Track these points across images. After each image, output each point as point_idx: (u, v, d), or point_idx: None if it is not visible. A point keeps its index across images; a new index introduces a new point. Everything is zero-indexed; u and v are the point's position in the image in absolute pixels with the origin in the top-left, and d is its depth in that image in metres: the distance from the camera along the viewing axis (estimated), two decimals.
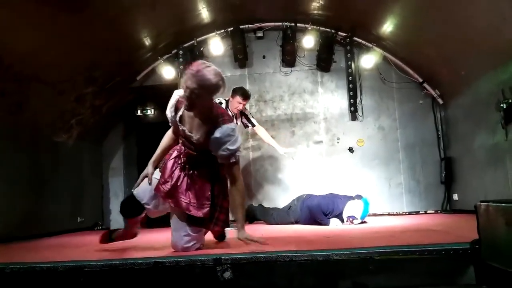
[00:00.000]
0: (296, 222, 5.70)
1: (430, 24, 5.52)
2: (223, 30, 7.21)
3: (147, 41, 6.69)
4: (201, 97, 2.71)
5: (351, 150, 7.11)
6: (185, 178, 3.05)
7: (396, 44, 6.72)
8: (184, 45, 7.20)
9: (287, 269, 2.55)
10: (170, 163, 3.10)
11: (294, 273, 2.55)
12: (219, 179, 3.12)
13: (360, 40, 7.09)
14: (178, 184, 3.03)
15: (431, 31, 5.64)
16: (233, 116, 5.57)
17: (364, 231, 4.17)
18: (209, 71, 2.71)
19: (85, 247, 3.84)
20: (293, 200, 5.98)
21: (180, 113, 2.96)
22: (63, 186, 6.17)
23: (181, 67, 7.06)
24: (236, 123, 5.61)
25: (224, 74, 7.30)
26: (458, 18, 5.00)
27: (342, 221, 5.33)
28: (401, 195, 6.95)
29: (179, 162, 3.08)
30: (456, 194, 6.57)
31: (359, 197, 5.45)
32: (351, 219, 5.30)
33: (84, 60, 5.76)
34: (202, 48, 7.26)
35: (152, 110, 8.12)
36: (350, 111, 7.15)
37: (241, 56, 7.22)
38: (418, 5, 5.43)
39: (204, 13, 6.68)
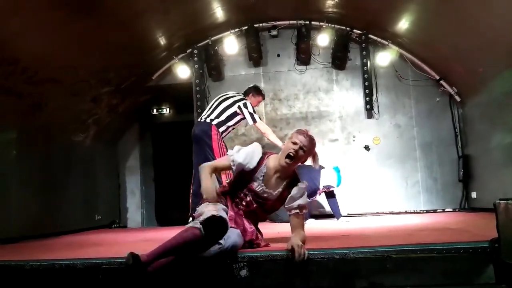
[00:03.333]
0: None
1: (446, 21, 5.46)
2: (237, 29, 7.22)
3: (162, 41, 6.73)
4: (303, 158, 2.95)
5: (367, 148, 7.06)
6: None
7: (412, 41, 6.65)
8: (199, 44, 7.24)
9: (304, 268, 2.54)
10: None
11: (310, 271, 2.54)
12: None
13: (375, 38, 7.03)
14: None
15: (447, 28, 5.57)
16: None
17: (381, 230, 4.14)
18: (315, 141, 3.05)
19: (103, 245, 3.88)
20: None
21: (263, 170, 2.97)
22: (80, 184, 6.24)
23: (196, 66, 7.09)
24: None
25: (238, 72, 7.42)
26: (474, 15, 4.94)
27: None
28: (418, 193, 6.88)
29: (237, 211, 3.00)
30: (475, 192, 6.48)
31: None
32: (327, 188, 5.68)
33: (100, 61, 5.82)
34: (216, 47, 7.28)
35: (168, 109, 8.17)
36: (366, 109, 7.10)
37: (255, 54, 7.22)
38: (434, 2, 5.37)
39: (219, 12, 6.69)
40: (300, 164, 3.01)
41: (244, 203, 2.98)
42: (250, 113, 5.53)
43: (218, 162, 3.20)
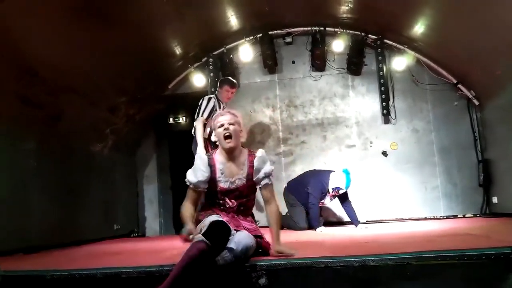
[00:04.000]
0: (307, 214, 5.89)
1: (463, 24, 5.40)
2: (252, 37, 7.25)
3: (178, 50, 6.79)
4: (239, 131, 3.04)
5: (384, 153, 7.00)
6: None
7: (428, 45, 6.59)
8: (214, 52, 7.28)
9: (322, 276, 2.53)
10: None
11: (329, 279, 2.53)
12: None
13: (391, 42, 7.00)
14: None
15: (463, 31, 5.52)
16: (223, 107, 5.75)
17: (400, 236, 4.10)
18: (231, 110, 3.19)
19: (122, 254, 3.91)
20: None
21: (219, 166, 3.03)
22: (99, 194, 6.30)
23: (211, 74, 7.14)
24: None
25: (254, 80, 7.46)
26: (492, 17, 4.88)
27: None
28: (438, 199, 6.79)
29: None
30: (496, 197, 6.37)
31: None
32: (336, 190, 5.70)
33: (117, 71, 5.89)
34: (231, 55, 7.31)
35: (184, 118, 8.21)
36: (383, 114, 7.05)
37: (270, 62, 7.23)
38: (450, 6, 5.33)
39: (233, 21, 6.74)
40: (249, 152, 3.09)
41: (228, 206, 3.03)
42: (199, 106, 5.66)
43: (186, 197, 3.08)
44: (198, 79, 7.24)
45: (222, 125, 2.99)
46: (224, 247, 2.58)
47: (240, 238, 2.66)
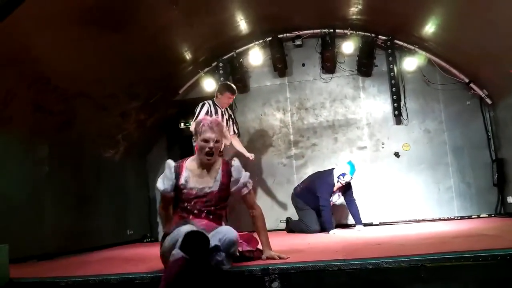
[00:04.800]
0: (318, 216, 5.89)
1: (474, 22, 5.35)
2: (261, 40, 7.26)
3: (188, 55, 6.82)
4: (219, 147, 3.01)
5: (396, 155, 6.95)
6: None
7: (439, 45, 6.54)
8: (224, 57, 7.30)
9: (336, 279, 2.52)
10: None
11: (342, 282, 2.52)
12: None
13: (401, 43, 6.95)
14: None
15: (475, 30, 5.45)
16: (222, 112, 5.72)
17: (414, 238, 4.06)
18: (216, 119, 3.16)
19: (135, 260, 3.92)
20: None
21: (185, 175, 3.01)
22: (111, 199, 6.34)
23: (221, 79, 7.15)
24: (225, 120, 5.73)
25: (264, 84, 7.47)
26: (504, 15, 4.82)
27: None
28: (452, 199, 6.72)
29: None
30: (510, 197, 6.28)
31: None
32: (342, 177, 5.72)
33: (127, 77, 5.93)
34: (241, 59, 7.33)
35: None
36: (394, 115, 7.00)
37: (280, 65, 7.24)
38: (460, 5, 5.28)
39: (243, 25, 6.75)
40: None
41: (196, 212, 2.98)
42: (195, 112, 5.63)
43: (160, 202, 3.23)
44: (209, 84, 7.25)
45: (207, 141, 2.95)
46: (205, 254, 2.52)
47: (224, 233, 2.66)
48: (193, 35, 6.44)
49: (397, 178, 6.87)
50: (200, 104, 5.64)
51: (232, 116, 6.01)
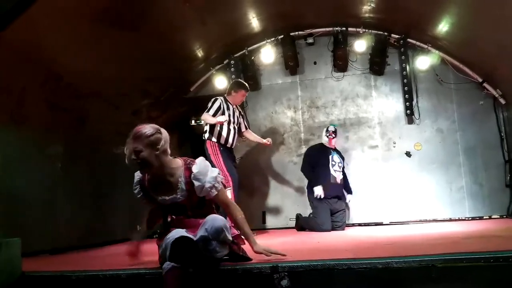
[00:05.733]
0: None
1: (489, 21, 5.29)
2: (273, 38, 7.26)
3: (200, 53, 6.84)
4: (148, 155, 2.74)
5: (408, 154, 6.91)
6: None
7: (453, 43, 6.48)
8: (236, 54, 7.31)
9: (345, 278, 2.51)
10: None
11: (352, 281, 2.51)
12: None
13: (414, 42, 6.90)
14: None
15: (490, 28, 5.40)
16: (233, 109, 5.67)
17: (425, 238, 4.03)
18: (144, 127, 2.82)
19: (146, 255, 3.94)
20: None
21: (150, 187, 2.91)
22: (124, 195, 6.35)
23: (233, 76, 7.16)
24: (236, 117, 5.70)
25: (275, 81, 7.46)
26: None
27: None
28: (463, 199, 6.66)
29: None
30: None
31: None
32: (325, 130, 6.27)
33: (140, 75, 5.96)
34: (253, 57, 7.33)
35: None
36: (406, 114, 6.95)
37: (292, 63, 7.23)
38: (474, 4, 5.23)
39: (255, 23, 6.75)
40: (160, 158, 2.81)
41: (175, 220, 2.90)
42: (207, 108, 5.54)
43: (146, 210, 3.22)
44: (220, 81, 7.26)
45: (129, 155, 2.78)
46: (194, 257, 2.48)
47: (210, 221, 2.58)
48: (205, 33, 6.45)
49: (408, 178, 6.83)
50: (212, 100, 5.61)
51: (242, 113, 6.00)
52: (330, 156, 6.10)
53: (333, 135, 6.23)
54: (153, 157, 2.73)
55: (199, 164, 2.83)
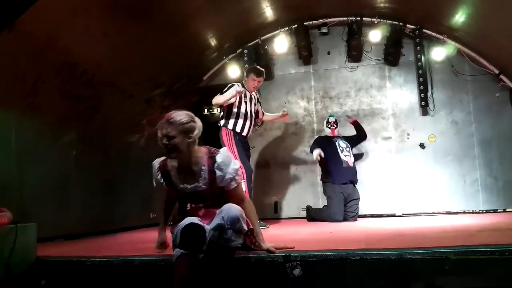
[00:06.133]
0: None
1: (506, 12, 5.19)
2: (287, 28, 7.21)
3: (213, 42, 6.83)
4: (180, 141, 2.72)
5: (422, 146, 6.85)
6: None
7: (469, 34, 6.38)
8: (249, 44, 7.28)
9: (358, 268, 2.51)
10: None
11: (364, 272, 2.51)
12: None
13: (430, 32, 6.80)
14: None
15: (507, 20, 5.30)
16: (250, 97, 5.54)
17: (438, 230, 4.01)
18: (179, 113, 2.79)
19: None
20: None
21: (172, 173, 2.87)
22: (136, 183, 6.42)
23: (246, 66, 7.15)
24: (253, 105, 5.59)
25: (288, 71, 7.41)
26: None
27: None
28: (477, 192, 6.59)
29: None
30: None
31: None
32: (325, 122, 6.49)
33: (154, 64, 5.97)
34: (266, 47, 7.30)
35: (218, 109, 8.25)
36: (421, 105, 6.88)
37: (305, 53, 7.18)
38: None
39: (268, 12, 6.71)
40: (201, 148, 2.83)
41: (192, 209, 2.85)
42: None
43: (161, 196, 3.16)
44: (233, 71, 7.24)
45: (161, 138, 2.75)
46: (202, 242, 2.52)
47: (226, 210, 2.58)
48: (219, 22, 6.43)
49: (421, 170, 6.77)
50: (229, 85, 5.44)
51: (259, 100, 5.91)
52: (336, 143, 6.19)
53: (335, 125, 6.40)
54: (184, 144, 2.72)
55: (223, 154, 2.83)
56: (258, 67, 5.84)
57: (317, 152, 6.14)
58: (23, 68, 4.29)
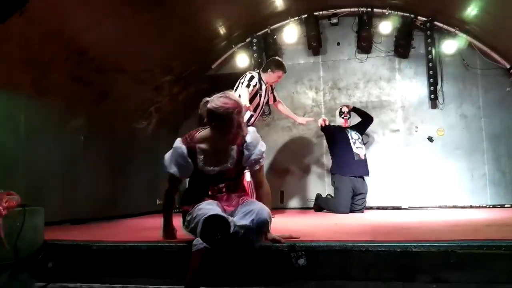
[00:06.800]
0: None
1: None
2: (297, 18, 7.16)
3: (222, 30, 6.79)
4: (235, 116, 2.67)
5: (430, 139, 6.81)
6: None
7: (481, 28, 6.30)
8: (258, 33, 7.24)
9: (363, 260, 2.52)
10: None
11: (369, 264, 2.51)
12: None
13: (441, 25, 6.73)
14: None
15: None
16: (266, 89, 5.46)
17: (444, 224, 4.00)
18: (226, 97, 2.73)
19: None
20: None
21: (200, 157, 2.79)
22: (143, 170, 6.46)
23: (255, 55, 7.11)
24: (266, 96, 5.52)
25: (297, 61, 7.36)
26: None
27: None
28: (485, 187, 6.56)
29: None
30: None
31: None
32: (345, 114, 6.29)
33: (162, 51, 5.96)
34: (275, 36, 7.25)
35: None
36: (430, 98, 6.83)
37: (315, 43, 7.13)
38: None
39: (278, 1, 6.66)
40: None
41: (216, 188, 2.83)
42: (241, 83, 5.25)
43: (170, 186, 3.04)
44: (242, 59, 7.22)
45: (217, 108, 2.68)
46: (226, 240, 2.45)
47: (257, 213, 2.55)
48: (229, 11, 6.39)
49: (429, 163, 6.74)
50: (249, 75, 5.32)
51: (273, 88, 5.81)
52: (349, 135, 6.12)
53: (348, 115, 6.30)
54: (234, 121, 2.66)
55: (252, 134, 2.82)
56: (282, 61, 5.66)
57: (322, 118, 6.16)
58: (33, 52, 4.30)
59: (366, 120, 6.45)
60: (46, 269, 2.91)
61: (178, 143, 2.86)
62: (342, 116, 6.29)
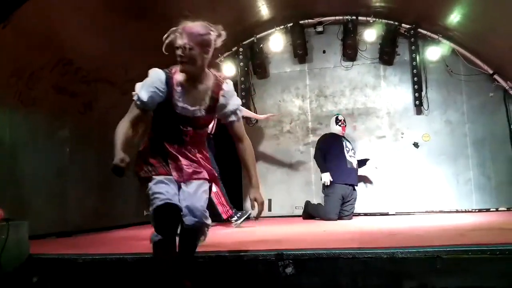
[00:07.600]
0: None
1: (501, 13, 5.21)
2: (282, 26, 7.20)
3: None
4: (198, 53, 2.51)
5: (416, 145, 6.87)
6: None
7: (464, 35, 6.40)
8: (244, 42, 7.26)
9: (350, 267, 2.52)
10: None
11: (357, 271, 2.52)
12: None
13: (425, 32, 6.82)
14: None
15: (502, 20, 5.32)
16: None
17: (430, 229, 4.03)
18: (198, 24, 2.64)
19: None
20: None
21: (177, 89, 2.55)
22: (131, 181, 6.39)
23: (241, 64, 7.13)
24: None
25: (283, 70, 7.39)
26: None
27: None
28: (470, 192, 6.62)
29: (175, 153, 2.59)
30: None
31: None
32: (341, 121, 6.29)
33: (149, 61, 5.90)
34: (261, 45, 7.28)
35: None
36: (415, 105, 6.89)
37: (301, 51, 7.18)
38: None
39: (264, 10, 6.70)
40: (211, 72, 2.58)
41: (184, 136, 2.58)
42: None
43: (129, 114, 2.76)
44: (228, 69, 7.23)
45: (178, 48, 2.52)
46: (176, 230, 2.44)
47: (192, 207, 2.43)
48: (214, 20, 6.31)
49: (415, 169, 6.80)
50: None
51: None
52: (344, 143, 6.16)
53: (345, 123, 6.32)
54: (201, 57, 2.50)
55: (230, 84, 2.64)
56: None
57: (327, 177, 5.92)
58: (19, 62, 4.28)
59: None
60: (31, 283, 2.87)
61: (156, 69, 2.67)
62: (339, 124, 6.28)
